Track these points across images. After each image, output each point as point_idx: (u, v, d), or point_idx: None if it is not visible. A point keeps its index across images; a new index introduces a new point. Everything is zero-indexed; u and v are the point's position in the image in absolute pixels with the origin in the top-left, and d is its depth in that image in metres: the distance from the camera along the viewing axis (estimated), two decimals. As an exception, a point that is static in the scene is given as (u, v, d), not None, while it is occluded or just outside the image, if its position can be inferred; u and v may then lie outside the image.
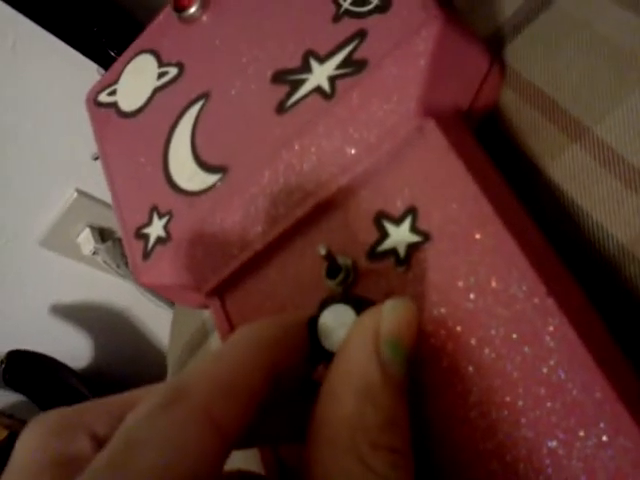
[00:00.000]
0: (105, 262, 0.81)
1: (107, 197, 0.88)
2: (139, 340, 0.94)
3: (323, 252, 0.20)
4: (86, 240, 0.82)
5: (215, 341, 0.29)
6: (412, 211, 0.21)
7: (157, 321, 0.92)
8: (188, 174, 0.23)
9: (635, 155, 0.20)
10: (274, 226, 0.22)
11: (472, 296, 0.19)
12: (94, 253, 0.82)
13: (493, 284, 0.19)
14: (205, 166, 0.23)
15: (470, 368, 0.18)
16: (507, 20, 0.25)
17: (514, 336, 0.18)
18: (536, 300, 0.18)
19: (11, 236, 0.78)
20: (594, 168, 0.21)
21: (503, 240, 0.19)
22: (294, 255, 0.22)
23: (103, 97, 0.29)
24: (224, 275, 0.23)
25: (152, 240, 0.24)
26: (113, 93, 0.28)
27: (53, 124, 0.72)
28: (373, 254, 0.21)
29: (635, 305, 0.20)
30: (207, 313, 0.30)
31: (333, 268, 0.21)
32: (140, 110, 0.27)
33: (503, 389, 0.18)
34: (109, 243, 0.83)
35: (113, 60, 0.44)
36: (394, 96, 0.22)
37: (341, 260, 0.21)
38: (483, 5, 0.26)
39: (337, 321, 0.18)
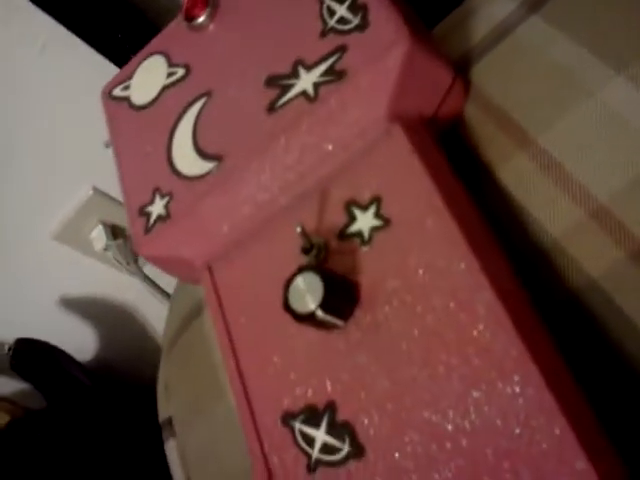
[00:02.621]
0: (116, 259, 0.85)
1: (121, 196, 0.91)
2: (144, 336, 0.97)
3: (299, 230, 0.23)
4: (99, 236, 0.85)
5: (208, 315, 0.32)
6: (377, 200, 0.24)
7: (163, 318, 0.95)
8: (188, 161, 0.27)
9: (571, 162, 0.24)
10: (260, 209, 0.26)
11: (421, 272, 0.22)
12: (105, 249, 0.85)
13: (438, 263, 0.22)
14: (203, 155, 0.27)
15: (415, 331, 0.22)
16: (475, 45, 0.29)
17: (451, 305, 0.21)
18: (471, 275, 0.21)
19: (26, 228, 0.81)
20: (536, 173, 0.24)
21: (448, 227, 0.22)
22: (276, 235, 0.25)
23: (117, 91, 0.33)
24: (215, 250, 0.26)
25: (154, 217, 0.27)
26: (127, 88, 0.32)
27: (74, 123, 0.76)
28: (342, 235, 0.24)
29: (562, 289, 0.23)
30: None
31: (307, 246, 0.24)
32: (150, 104, 0.30)
33: (441, 349, 0.21)
34: (120, 240, 0.86)
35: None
36: (367, 103, 0.25)
37: (315, 239, 0.24)
38: (456, 32, 0.30)
39: (307, 286, 0.22)
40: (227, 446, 0.30)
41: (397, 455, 0.21)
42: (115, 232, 0.86)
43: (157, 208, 0.27)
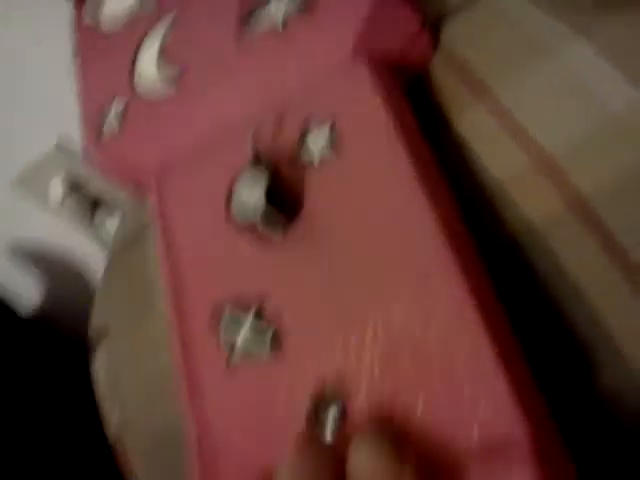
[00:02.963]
0: (71, 213, 0.84)
1: (82, 153, 0.89)
2: (89, 295, 0.95)
3: (251, 136, 0.23)
4: (56, 190, 0.84)
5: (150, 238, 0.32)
6: (333, 127, 0.24)
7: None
8: (149, 74, 0.27)
9: (526, 116, 0.25)
10: (215, 125, 0.26)
11: (366, 195, 0.22)
12: (62, 204, 0.84)
13: (384, 189, 0.22)
14: (165, 69, 0.27)
15: (352, 249, 0.22)
16: (449, 4, 0.29)
17: (392, 228, 0.21)
18: (414, 200, 0.21)
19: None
20: (492, 124, 0.25)
21: (399, 159, 0.22)
22: (228, 150, 0.25)
23: (87, 18, 0.33)
24: (165, 161, 0.26)
25: (107, 125, 0.27)
26: (97, 14, 0.32)
27: (43, 71, 0.75)
28: (293, 156, 0.24)
29: (501, 233, 0.24)
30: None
31: (257, 156, 0.24)
32: (118, 26, 0.30)
33: (376, 266, 0.21)
34: (78, 196, 0.85)
35: None
36: (335, 35, 0.25)
37: (265, 156, 0.24)
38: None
39: (249, 196, 0.22)
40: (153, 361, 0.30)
41: (315, 358, 0.21)
42: (74, 188, 0.85)
43: (111, 117, 0.27)
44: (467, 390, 0.18)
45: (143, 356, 0.32)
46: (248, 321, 0.23)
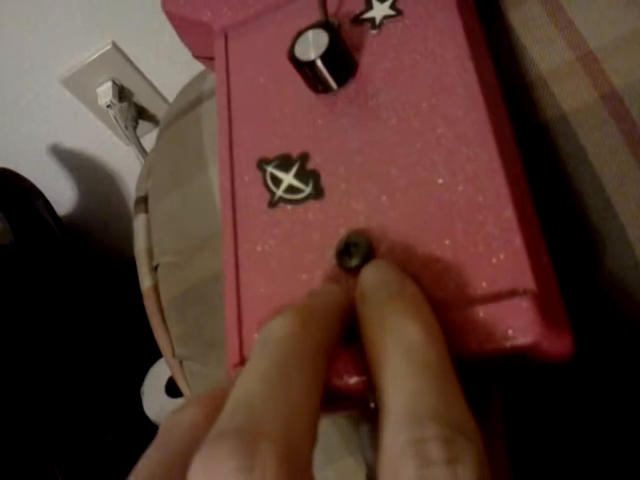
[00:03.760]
0: (115, 118, 0.86)
1: (139, 60, 0.92)
2: (125, 209, 0.98)
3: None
4: (105, 92, 0.86)
5: (207, 104, 0.34)
6: (396, -4, 0.26)
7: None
8: None
9: (575, 11, 0.26)
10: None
11: (420, 60, 0.24)
12: (108, 106, 0.86)
13: (438, 56, 0.24)
14: None
15: (400, 109, 0.24)
16: None
17: (438, 98, 0.23)
18: (463, 69, 0.23)
19: (36, 64, 0.81)
20: (542, 16, 0.27)
21: (456, 36, 0.24)
22: (295, 12, 0.28)
23: None
24: (235, 19, 0.28)
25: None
26: None
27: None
28: (356, 20, 0.26)
29: (535, 119, 0.26)
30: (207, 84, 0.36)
31: (324, 18, 0.26)
32: None
33: (420, 126, 0.23)
34: (125, 103, 0.87)
35: None
36: None
37: (330, 19, 0.27)
38: None
39: (314, 40, 0.24)
40: (195, 215, 0.32)
41: (352, 201, 0.23)
42: (122, 94, 0.87)
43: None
44: (486, 240, 0.20)
45: (187, 211, 0.34)
46: (294, 168, 0.25)
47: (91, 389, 0.81)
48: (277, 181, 0.25)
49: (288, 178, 0.25)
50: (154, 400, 0.86)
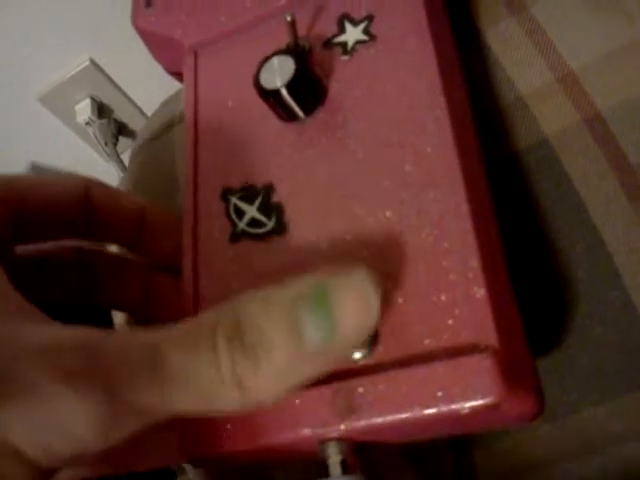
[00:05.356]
0: (95, 135, 0.84)
1: (118, 76, 0.90)
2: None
3: (289, 19, 0.24)
4: (84, 109, 0.85)
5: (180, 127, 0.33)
6: (370, 18, 0.25)
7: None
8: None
9: (554, 31, 0.25)
10: (258, 6, 0.27)
11: (389, 87, 0.23)
12: (87, 124, 0.84)
13: (407, 81, 0.23)
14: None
15: (368, 138, 0.23)
16: None
17: (407, 120, 0.22)
18: (431, 95, 0.22)
19: (15, 83, 0.80)
20: (521, 36, 0.26)
21: (427, 64, 0.23)
22: (265, 32, 0.26)
23: None
24: (205, 36, 0.27)
25: (154, -3, 0.28)
26: None
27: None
28: (328, 43, 0.25)
29: (515, 143, 0.25)
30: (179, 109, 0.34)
31: (293, 40, 0.25)
32: None
33: (387, 157, 0.22)
34: (104, 120, 0.86)
35: None
36: None
37: (301, 42, 0.25)
38: None
39: (279, 67, 0.23)
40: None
41: (315, 237, 0.22)
42: (102, 110, 0.85)
43: (159, -11, 0.28)
44: (450, 289, 0.19)
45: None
46: (257, 200, 0.24)
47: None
48: (240, 213, 0.24)
49: (251, 211, 0.24)
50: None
